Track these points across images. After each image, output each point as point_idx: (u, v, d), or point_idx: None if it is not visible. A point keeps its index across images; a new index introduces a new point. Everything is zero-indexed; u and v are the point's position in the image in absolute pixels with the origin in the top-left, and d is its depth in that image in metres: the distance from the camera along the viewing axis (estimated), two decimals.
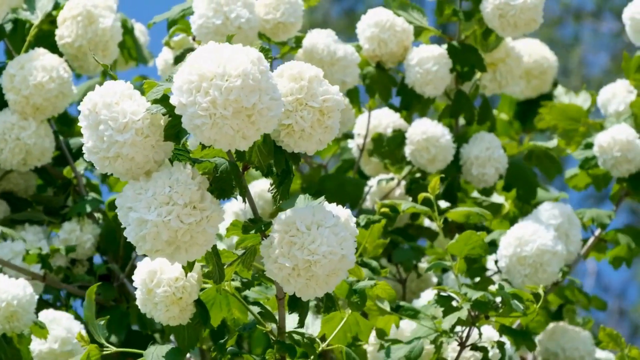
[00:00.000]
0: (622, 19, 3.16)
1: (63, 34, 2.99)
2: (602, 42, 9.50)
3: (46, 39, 3.05)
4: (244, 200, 2.01)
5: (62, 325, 2.63)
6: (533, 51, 3.49)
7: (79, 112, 1.95)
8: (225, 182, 1.95)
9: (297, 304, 2.05)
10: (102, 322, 2.25)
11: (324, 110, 1.96)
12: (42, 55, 2.90)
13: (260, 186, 3.29)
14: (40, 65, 2.87)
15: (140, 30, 3.55)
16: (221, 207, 1.96)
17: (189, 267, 2.02)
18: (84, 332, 2.27)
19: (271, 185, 2.03)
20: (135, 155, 1.92)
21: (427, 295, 2.73)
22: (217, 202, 1.95)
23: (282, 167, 2.00)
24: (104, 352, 2.24)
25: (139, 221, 1.90)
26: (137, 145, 1.92)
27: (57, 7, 3.04)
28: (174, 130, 1.93)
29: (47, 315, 2.63)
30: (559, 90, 3.34)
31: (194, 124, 1.84)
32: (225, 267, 2.08)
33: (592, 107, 3.28)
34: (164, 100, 1.92)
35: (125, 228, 1.93)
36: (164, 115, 1.93)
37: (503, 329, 2.50)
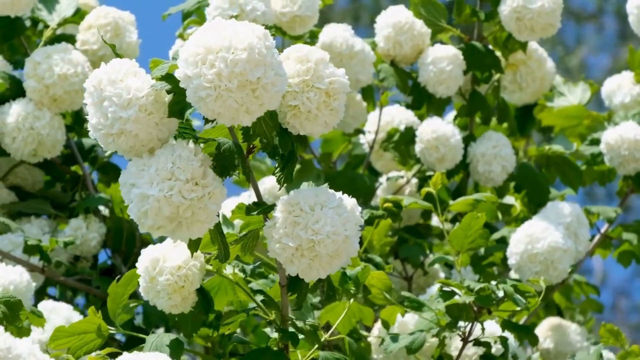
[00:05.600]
0: (623, 20, 3.15)
1: (88, 39, 3.01)
2: (604, 43, 9.52)
3: (60, 41, 3.05)
4: (248, 181, 1.99)
5: (61, 314, 2.59)
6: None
7: None
8: (227, 160, 1.93)
9: (296, 286, 2.03)
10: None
11: (330, 92, 1.96)
12: (69, 50, 2.93)
13: (270, 182, 3.27)
14: (67, 58, 2.90)
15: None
16: (223, 184, 1.94)
17: (193, 246, 2.00)
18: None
19: (275, 168, 2.02)
20: (138, 132, 1.91)
21: (433, 291, 2.70)
22: (220, 179, 1.94)
23: (288, 149, 1.98)
24: (111, 332, 2.22)
25: (141, 196, 1.89)
26: (141, 121, 1.91)
27: (76, 13, 3.05)
28: (178, 106, 1.92)
29: (47, 305, 2.59)
30: (557, 80, 3.30)
31: (198, 95, 1.83)
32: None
33: (592, 98, 3.25)
34: (168, 77, 1.91)
35: (128, 206, 1.92)
36: (168, 92, 1.92)
37: (506, 324, 2.47)
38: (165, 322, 2.95)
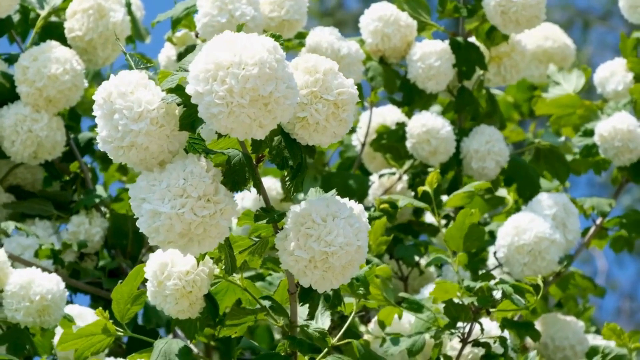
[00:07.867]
0: (629, 22, 3.16)
1: (73, 26, 2.97)
2: (610, 44, 9.54)
3: (52, 30, 3.03)
4: (258, 192, 2.00)
5: (86, 321, 2.57)
6: (556, 37, 3.47)
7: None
8: (238, 174, 1.94)
9: (308, 296, 2.04)
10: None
11: (338, 104, 1.95)
12: (54, 48, 2.89)
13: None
14: (54, 57, 2.86)
15: (135, 5, 3.52)
16: (235, 200, 1.95)
17: (201, 257, 2.01)
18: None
19: (285, 177, 2.02)
20: (149, 145, 1.91)
21: (428, 292, 2.71)
22: (231, 195, 1.94)
23: (297, 160, 1.99)
24: (118, 334, 2.23)
25: (152, 213, 1.89)
26: (152, 134, 1.91)
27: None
28: (189, 120, 1.91)
29: (72, 311, 2.60)
30: (551, 69, 3.32)
31: (210, 112, 1.83)
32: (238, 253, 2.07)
33: (586, 85, 3.27)
34: (178, 89, 1.91)
35: (137, 219, 1.92)
36: (178, 105, 1.92)
37: (505, 323, 2.49)
38: (167, 322, 2.96)
